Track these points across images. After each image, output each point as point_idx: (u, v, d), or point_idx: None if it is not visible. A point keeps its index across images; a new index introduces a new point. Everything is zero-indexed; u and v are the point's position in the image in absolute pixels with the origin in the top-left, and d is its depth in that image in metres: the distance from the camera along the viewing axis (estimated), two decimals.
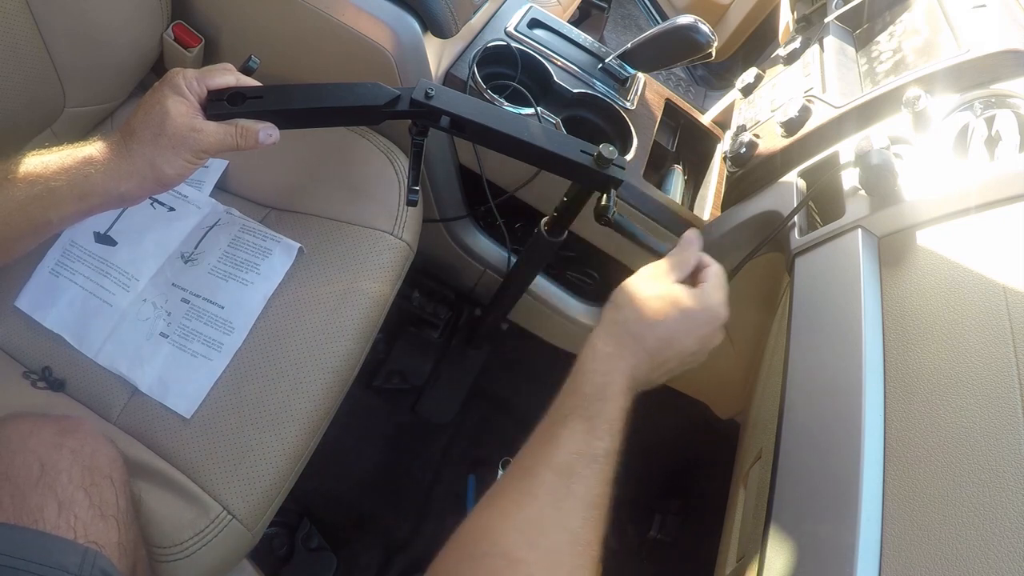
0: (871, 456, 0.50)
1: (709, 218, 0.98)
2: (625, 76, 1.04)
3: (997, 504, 0.43)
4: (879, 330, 0.57)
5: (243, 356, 0.74)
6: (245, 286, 0.78)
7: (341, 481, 1.11)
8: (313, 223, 0.85)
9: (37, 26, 0.72)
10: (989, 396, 0.48)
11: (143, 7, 0.83)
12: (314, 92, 0.65)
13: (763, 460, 0.63)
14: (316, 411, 0.75)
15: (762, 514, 0.55)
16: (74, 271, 0.76)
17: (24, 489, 0.51)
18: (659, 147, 1.05)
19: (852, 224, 0.66)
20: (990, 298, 0.52)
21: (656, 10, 2.04)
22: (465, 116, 0.64)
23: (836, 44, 0.91)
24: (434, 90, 0.64)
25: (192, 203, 0.84)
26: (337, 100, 0.64)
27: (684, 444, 1.27)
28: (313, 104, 0.64)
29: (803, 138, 0.82)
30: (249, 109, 0.62)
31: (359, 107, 0.64)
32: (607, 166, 0.66)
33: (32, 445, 0.55)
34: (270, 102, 0.63)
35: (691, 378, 1.22)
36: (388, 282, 0.84)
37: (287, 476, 0.72)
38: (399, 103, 0.64)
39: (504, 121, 0.65)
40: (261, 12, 0.87)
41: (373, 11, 0.82)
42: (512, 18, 1.04)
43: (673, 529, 1.14)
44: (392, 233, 0.86)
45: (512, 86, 0.99)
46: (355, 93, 0.64)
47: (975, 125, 0.65)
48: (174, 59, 0.92)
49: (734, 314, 0.56)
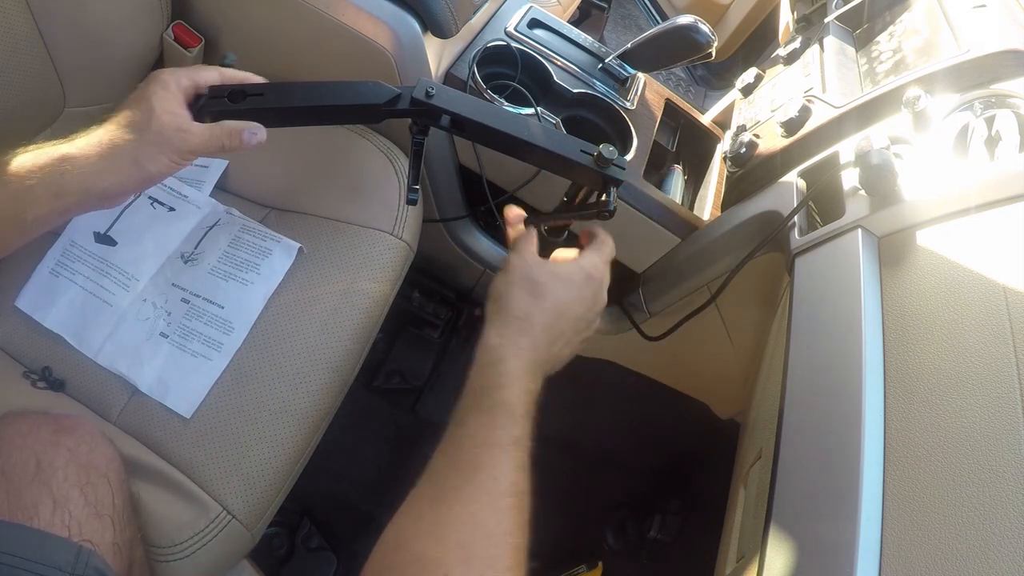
0: (871, 456, 0.50)
1: (709, 218, 0.98)
2: (625, 76, 1.04)
3: (997, 504, 0.43)
4: (879, 330, 0.57)
5: (243, 356, 0.74)
6: (245, 286, 0.78)
7: (341, 481, 1.10)
8: (313, 223, 0.85)
9: (37, 26, 0.72)
10: (989, 396, 0.48)
11: (143, 7, 0.83)
12: (315, 90, 0.65)
13: (763, 460, 0.63)
14: (316, 411, 0.75)
15: (762, 514, 0.55)
16: (74, 271, 0.76)
17: (20, 486, 0.51)
18: (659, 147, 1.05)
19: (852, 224, 0.66)
20: (990, 298, 0.52)
21: (656, 10, 2.04)
22: (465, 115, 0.64)
23: (836, 44, 0.91)
24: (435, 89, 0.64)
25: (192, 203, 0.84)
26: (338, 98, 0.64)
27: (684, 444, 1.27)
28: (314, 102, 0.64)
29: (803, 138, 0.82)
30: (250, 106, 0.62)
31: (360, 105, 0.64)
32: (607, 166, 0.66)
33: (30, 442, 0.55)
34: (271, 99, 0.63)
35: (691, 378, 1.22)
36: (388, 282, 0.84)
37: (287, 476, 0.72)
38: (399, 102, 0.64)
39: (504, 121, 0.65)
40: (261, 12, 0.87)
41: (373, 11, 0.82)
42: (512, 18, 1.04)
43: (673, 529, 1.13)
44: (392, 233, 0.86)
45: (512, 86, 0.99)
46: (356, 91, 0.64)
47: (975, 125, 0.65)
48: (174, 59, 0.92)
49: (734, 314, 0.56)
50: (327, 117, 0.68)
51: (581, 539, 1.17)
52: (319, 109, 0.64)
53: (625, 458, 1.26)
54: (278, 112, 0.63)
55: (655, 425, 1.28)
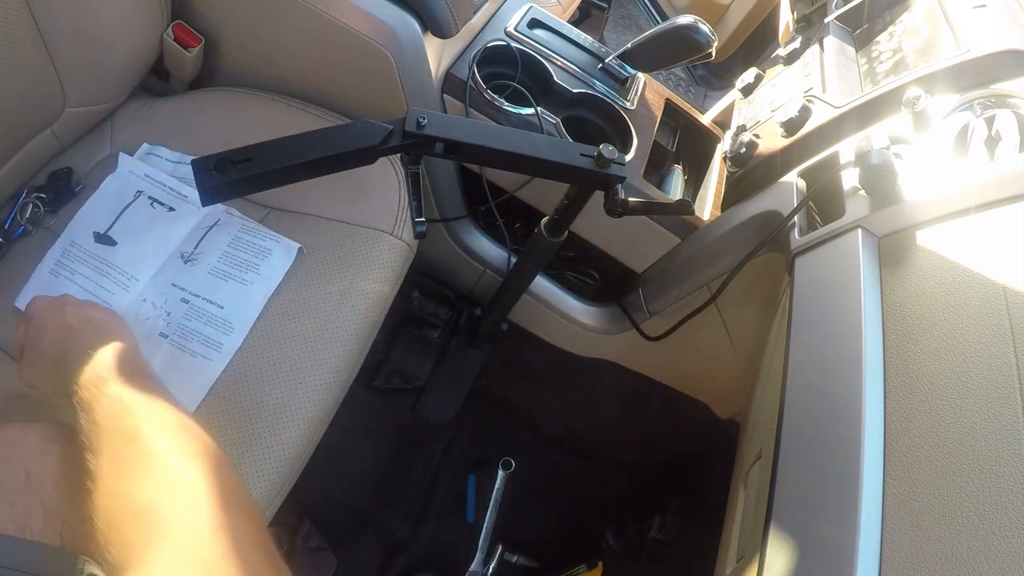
0: (871, 456, 0.50)
1: (709, 218, 0.98)
2: (625, 76, 1.04)
3: (997, 504, 0.43)
4: (879, 330, 0.57)
5: (243, 356, 0.74)
6: (245, 286, 0.78)
7: (341, 481, 1.10)
8: (313, 223, 0.85)
9: (37, 26, 0.72)
10: (989, 396, 0.48)
11: (143, 7, 0.83)
12: (305, 143, 0.62)
13: (763, 460, 0.63)
14: (316, 411, 0.75)
15: (762, 514, 0.55)
16: (74, 271, 0.76)
17: (11, 498, 0.51)
18: (659, 147, 1.05)
19: (852, 224, 0.66)
20: (990, 298, 0.52)
21: (656, 10, 2.04)
22: (460, 140, 0.63)
23: (836, 44, 0.91)
24: (426, 118, 0.62)
25: (192, 203, 0.83)
26: (331, 148, 0.62)
27: (684, 444, 1.27)
28: (306, 156, 0.61)
29: (803, 138, 0.82)
30: (240, 175, 0.59)
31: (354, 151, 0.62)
32: (608, 166, 0.67)
33: (18, 453, 0.54)
34: (260, 163, 0.60)
35: (691, 378, 1.22)
36: (388, 282, 0.84)
37: (287, 476, 0.72)
38: (392, 137, 0.62)
39: (501, 138, 0.65)
40: (261, 12, 0.87)
41: (373, 11, 0.82)
42: (512, 18, 1.04)
43: (673, 529, 1.13)
44: (392, 233, 0.86)
45: (512, 86, 0.99)
46: (348, 136, 0.62)
47: (975, 125, 0.65)
48: (174, 59, 0.92)
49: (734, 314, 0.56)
50: (322, 169, 0.65)
51: (581, 539, 1.17)
52: (312, 163, 0.62)
53: (625, 458, 1.26)
54: (270, 175, 0.60)
55: (655, 425, 1.28)
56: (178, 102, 0.94)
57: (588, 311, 1.17)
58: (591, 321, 1.17)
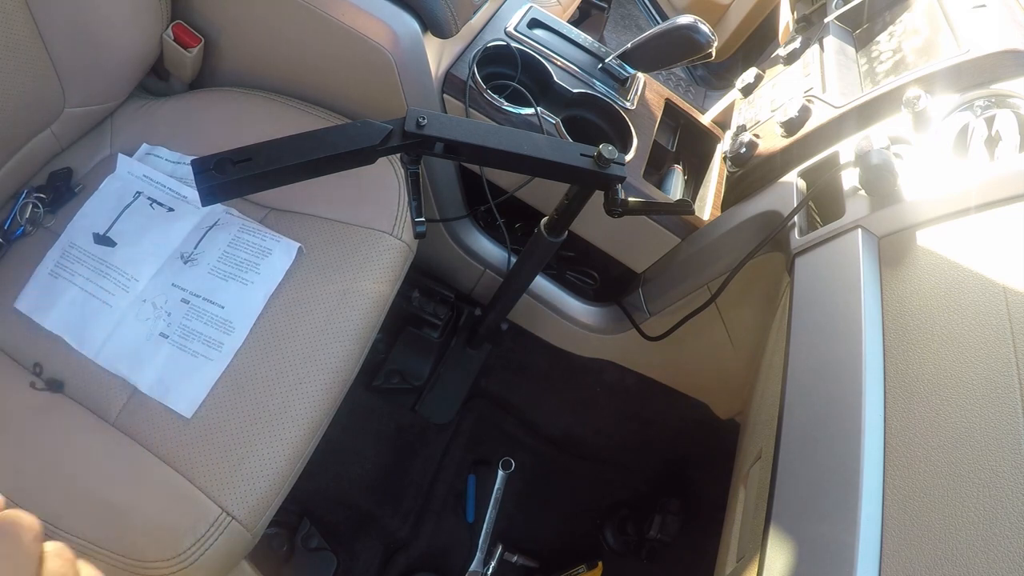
0: (871, 456, 0.50)
1: (709, 218, 0.98)
2: (625, 76, 1.04)
3: (997, 504, 0.43)
4: (879, 330, 0.57)
5: (243, 356, 0.74)
6: (245, 286, 0.78)
7: (341, 481, 1.10)
8: (313, 223, 0.85)
9: (36, 26, 0.72)
10: (989, 396, 0.48)
11: (143, 7, 0.83)
12: (305, 142, 0.62)
13: (763, 460, 0.63)
14: (316, 411, 0.75)
15: (762, 514, 0.55)
16: (73, 272, 0.76)
17: None
18: (659, 147, 1.05)
19: (852, 224, 0.66)
20: (990, 298, 0.52)
21: (656, 10, 2.04)
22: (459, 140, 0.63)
23: (836, 44, 0.91)
24: (425, 118, 0.62)
25: (191, 203, 0.83)
26: (331, 147, 0.62)
27: (684, 444, 1.27)
28: (306, 156, 0.61)
29: (803, 138, 0.82)
30: (240, 175, 0.59)
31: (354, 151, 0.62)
32: (608, 166, 0.67)
33: None
34: (259, 163, 0.59)
35: (691, 378, 1.22)
36: (388, 282, 0.84)
37: (287, 476, 0.72)
38: (392, 137, 0.62)
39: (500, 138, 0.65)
40: (261, 12, 0.87)
41: (373, 11, 0.82)
42: (512, 18, 1.04)
43: (673, 529, 1.13)
44: (392, 233, 0.86)
45: (512, 86, 0.99)
46: (348, 136, 0.62)
47: (975, 125, 0.65)
48: (174, 59, 0.92)
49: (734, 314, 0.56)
50: (321, 169, 0.64)
51: (581, 539, 1.17)
52: (313, 163, 0.61)
53: (625, 458, 1.26)
54: (270, 175, 0.60)
55: (655, 425, 1.28)
56: (178, 102, 0.94)
57: (588, 311, 1.17)
58: (591, 321, 1.17)
